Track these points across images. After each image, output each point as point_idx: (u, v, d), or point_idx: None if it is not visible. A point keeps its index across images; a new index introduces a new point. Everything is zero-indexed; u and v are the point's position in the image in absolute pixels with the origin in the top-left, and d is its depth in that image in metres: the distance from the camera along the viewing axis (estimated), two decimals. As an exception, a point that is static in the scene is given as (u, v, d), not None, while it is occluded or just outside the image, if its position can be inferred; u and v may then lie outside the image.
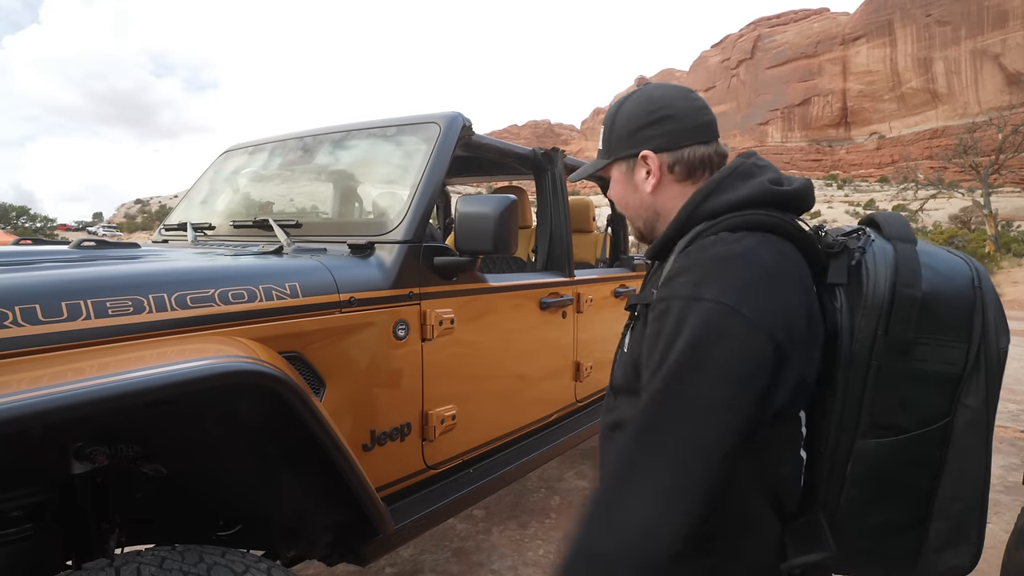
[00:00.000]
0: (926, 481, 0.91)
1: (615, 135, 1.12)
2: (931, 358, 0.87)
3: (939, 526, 0.92)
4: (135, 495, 1.58)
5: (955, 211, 39.35)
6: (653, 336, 0.91)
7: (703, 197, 1.01)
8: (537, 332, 2.75)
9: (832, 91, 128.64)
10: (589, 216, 4.11)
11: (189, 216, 2.76)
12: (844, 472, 0.92)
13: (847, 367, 0.90)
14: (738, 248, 0.90)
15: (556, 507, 3.46)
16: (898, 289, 0.88)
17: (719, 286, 0.85)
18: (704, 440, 0.82)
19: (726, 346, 0.82)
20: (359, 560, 1.79)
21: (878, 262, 0.91)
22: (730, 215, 0.96)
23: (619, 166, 1.13)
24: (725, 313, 0.83)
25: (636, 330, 1.05)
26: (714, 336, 0.83)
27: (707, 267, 0.89)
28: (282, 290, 1.64)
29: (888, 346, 0.87)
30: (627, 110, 1.11)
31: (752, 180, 1.00)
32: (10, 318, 1.14)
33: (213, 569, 1.19)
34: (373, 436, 1.88)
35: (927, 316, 0.87)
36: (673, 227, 1.04)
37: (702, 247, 0.93)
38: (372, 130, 2.54)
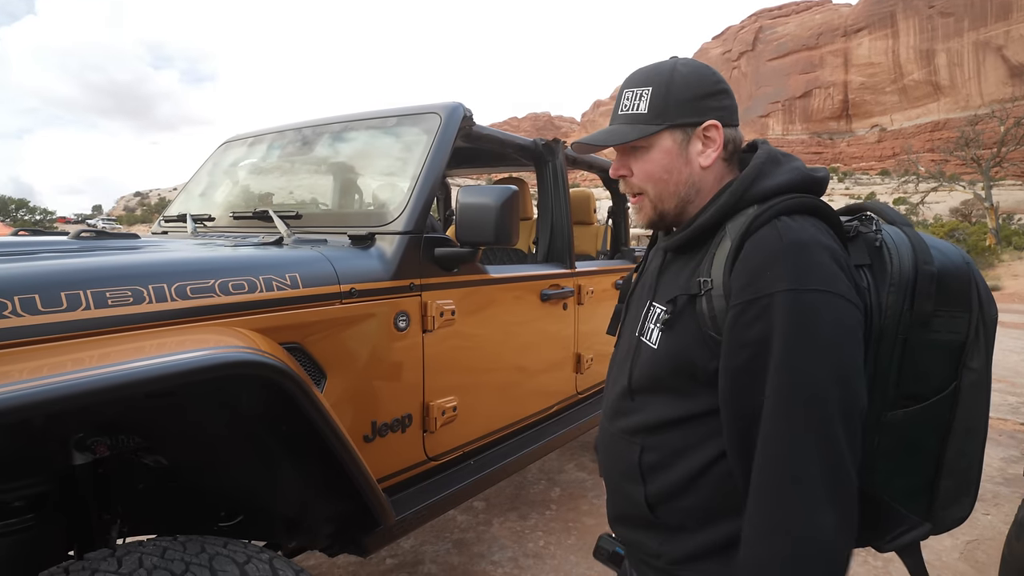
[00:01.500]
0: (937, 442, 0.98)
1: (673, 99, 1.03)
2: (943, 328, 0.95)
3: (948, 483, 0.98)
4: (136, 486, 1.58)
5: (956, 204, 39.28)
6: (756, 338, 0.88)
7: (751, 181, 1.00)
8: (538, 324, 2.75)
9: (833, 83, 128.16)
10: (590, 208, 4.10)
11: (189, 207, 2.75)
12: (874, 445, 0.96)
13: (877, 342, 0.95)
14: (808, 234, 0.91)
15: (556, 499, 3.47)
16: (920, 267, 0.94)
17: (816, 274, 0.87)
18: (852, 420, 0.85)
19: (844, 328, 0.87)
20: (360, 551, 1.79)
21: (899, 243, 0.97)
22: (778, 199, 0.96)
23: (673, 134, 1.04)
24: (831, 298, 0.86)
25: (678, 327, 1.01)
26: (833, 321, 0.86)
27: (793, 256, 0.89)
28: (282, 281, 1.63)
29: (912, 320, 0.94)
30: (686, 75, 1.04)
31: (786, 165, 1.02)
32: (9, 308, 1.13)
33: (215, 559, 1.19)
34: (374, 427, 1.88)
35: (941, 290, 0.94)
36: (717, 212, 1.01)
37: (773, 235, 0.92)
38: (372, 121, 2.53)
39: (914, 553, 1.01)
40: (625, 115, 1.07)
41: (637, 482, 1.05)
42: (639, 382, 1.07)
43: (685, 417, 1.01)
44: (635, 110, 1.05)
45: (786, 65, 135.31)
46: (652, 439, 1.04)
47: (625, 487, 1.09)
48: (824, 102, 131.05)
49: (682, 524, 1.02)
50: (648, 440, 1.05)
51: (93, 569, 1.09)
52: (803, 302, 0.86)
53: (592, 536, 3.01)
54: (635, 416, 1.08)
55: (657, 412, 1.04)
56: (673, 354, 1.01)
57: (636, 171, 1.08)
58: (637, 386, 1.08)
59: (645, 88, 1.05)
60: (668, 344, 1.02)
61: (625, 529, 1.13)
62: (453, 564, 2.75)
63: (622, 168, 1.10)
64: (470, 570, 2.70)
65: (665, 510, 1.03)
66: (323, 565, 2.70)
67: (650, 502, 1.04)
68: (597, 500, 3.44)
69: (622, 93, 1.08)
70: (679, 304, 1.01)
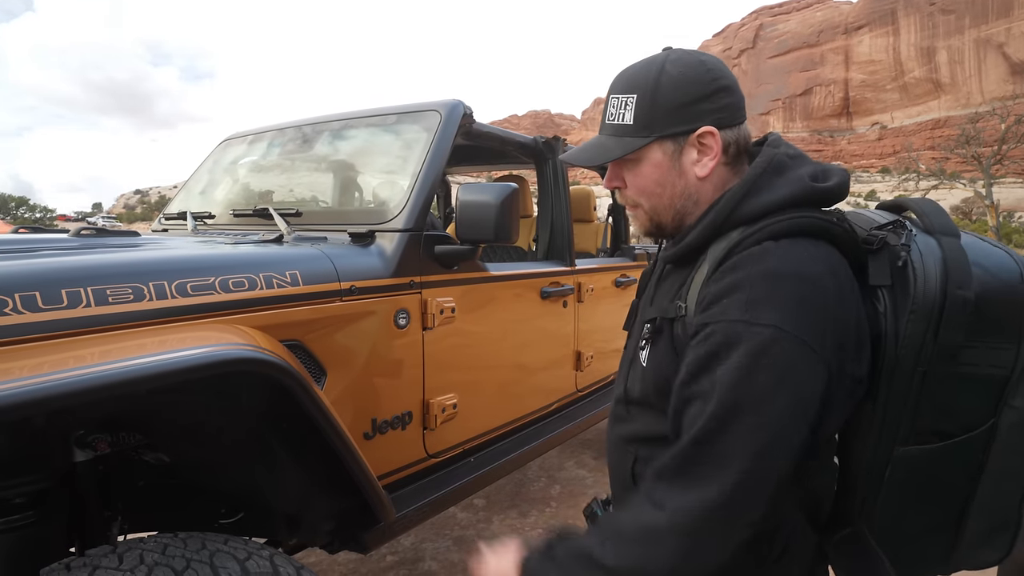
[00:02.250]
0: (965, 483, 0.87)
1: (660, 107, 0.93)
2: (980, 361, 0.83)
3: (976, 525, 0.88)
4: (137, 483, 1.59)
5: (957, 202, 39.28)
6: (700, 360, 0.82)
7: (739, 199, 0.90)
8: (538, 321, 2.75)
9: (834, 81, 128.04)
10: (590, 205, 4.09)
11: (189, 205, 2.75)
12: (882, 479, 0.87)
13: (891, 373, 0.84)
14: (789, 263, 0.82)
15: (556, 496, 3.47)
16: (950, 291, 0.80)
17: (775, 310, 0.78)
18: (762, 469, 0.77)
19: (787, 375, 0.77)
20: (361, 548, 1.80)
21: (926, 261, 0.83)
22: (771, 219, 0.87)
23: (663, 145, 0.95)
24: (785, 340, 0.77)
25: (659, 346, 0.96)
26: (774, 365, 0.77)
27: (758, 286, 0.81)
28: (283, 278, 1.63)
29: (937, 351, 0.81)
30: (675, 77, 0.93)
31: (789, 175, 0.91)
32: (10, 305, 1.13)
33: (216, 556, 1.19)
34: (374, 424, 1.88)
35: (978, 319, 0.81)
36: (702, 233, 0.93)
37: (750, 259, 0.84)
38: (372, 118, 2.53)
39: None
40: (611, 125, 0.98)
41: (630, 489, 1.02)
42: (631, 394, 1.04)
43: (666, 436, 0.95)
44: (620, 120, 0.96)
45: (787, 63, 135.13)
46: (644, 449, 1.01)
47: (620, 491, 1.08)
48: (825, 100, 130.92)
49: None
50: (641, 450, 1.01)
51: (94, 565, 1.09)
52: (750, 336, 0.78)
53: (592, 533, 3.01)
54: (630, 424, 1.05)
55: (646, 425, 1.00)
56: (655, 374, 0.96)
57: (629, 184, 1.01)
58: (630, 397, 1.05)
59: (630, 96, 0.95)
60: (652, 363, 0.98)
61: None
62: (453, 561, 2.75)
63: (615, 179, 1.03)
64: (471, 567, 2.70)
65: None
66: (324, 562, 2.71)
67: None
68: (597, 497, 3.44)
69: (608, 99, 1.00)
70: (657, 325, 0.97)
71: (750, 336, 0.78)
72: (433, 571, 2.67)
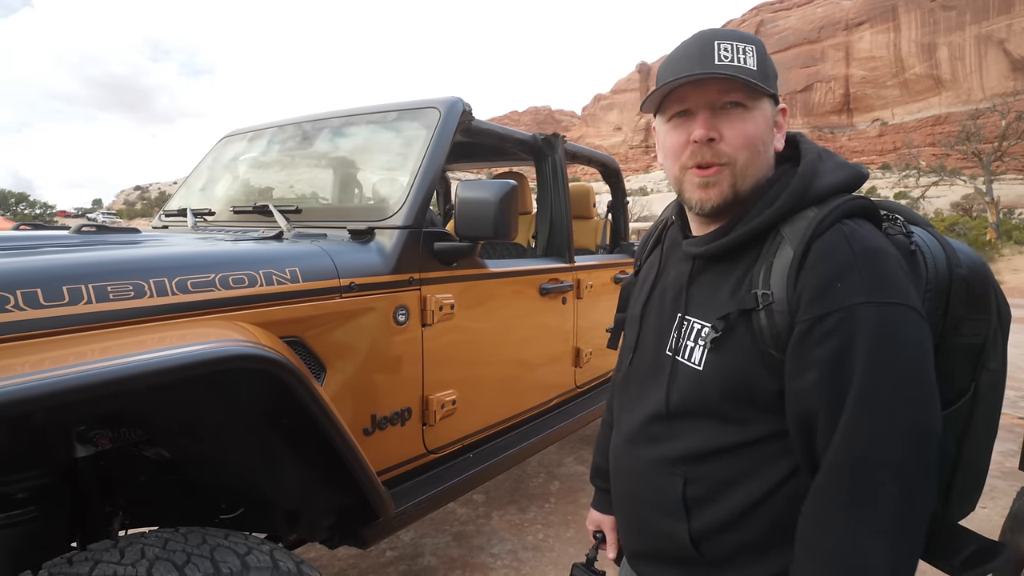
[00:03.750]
0: (956, 444, 0.97)
1: (770, 68, 0.93)
2: (968, 331, 0.94)
3: (962, 481, 0.98)
4: (138, 478, 1.60)
5: (957, 198, 39.22)
6: (831, 354, 0.81)
7: (809, 181, 0.91)
8: (537, 318, 2.76)
9: (835, 77, 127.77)
10: (589, 202, 4.10)
11: (189, 202, 2.76)
12: None
13: None
14: (876, 241, 0.86)
15: (556, 492, 3.48)
16: (953, 271, 0.92)
17: (892, 287, 0.82)
18: (928, 445, 0.80)
19: (922, 346, 0.82)
20: (360, 543, 1.81)
21: (932, 246, 0.95)
22: (837, 201, 0.89)
23: (770, 104, 0.95)
24: (911, 313, 0.82)
25: (730, 345, 0.91)
26: (913, 340, 0.81)
27: (867, 266, 0.82)
28: (282, 275, 1.64)
29: (946, 324, 0.92)
30: (765, 51, 0.95)
31: (831, 162, 0.96)
32: (12, 302, 1.14)
33: (216, 551, 1.20)
34: (374, 420, 1.89)
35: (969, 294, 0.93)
36: (773, 215, 0.90)
37: (841, 241, 0.84)
38: (372, 115, 2.54)
39: None
40: (729, 66, 0.89)
41: (679, 518, 0.95)
42: (680, 406, 0.96)
43: (737, 444, 0.91)
44: (742, 63, 0.90)
45: (787, 59, 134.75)
46: (697, 469, 0.94)
47: (660, 522, 0.99)
48: (825, 96, 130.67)
49: (730, 558, 0.93)
50: (693, 471, 0.94)
51: (96, 560, 1.10)
52: (884, 317, 0.80)
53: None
54: (674, 443, 0.97)
55: (702, 439, 0.94)
56: (725, 376, 0.91)
57: (730, 136, 0.91)
58: (676, 411, 0.97)
59: (749, 45, 0.91)
60: (718, 365, 0.91)
61: (654, 567, 1.04)
62: (453, 557, 2.77)
63: (712, 129, 0.91)
64: (469, 562, 2.72)
65: (711, 545, 0.94)
66: (324, 557, 2.72)
67: (694, 537, 0.94)
68: (596, 493, 3.46)
69: (714, 44, 0.91)
70: (731, 321, 0.90)
71: (882, 316, 0.80)
72: (433, 566, 2.68)
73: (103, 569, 1.08)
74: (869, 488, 0.79)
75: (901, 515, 0.78)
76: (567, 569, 2.67)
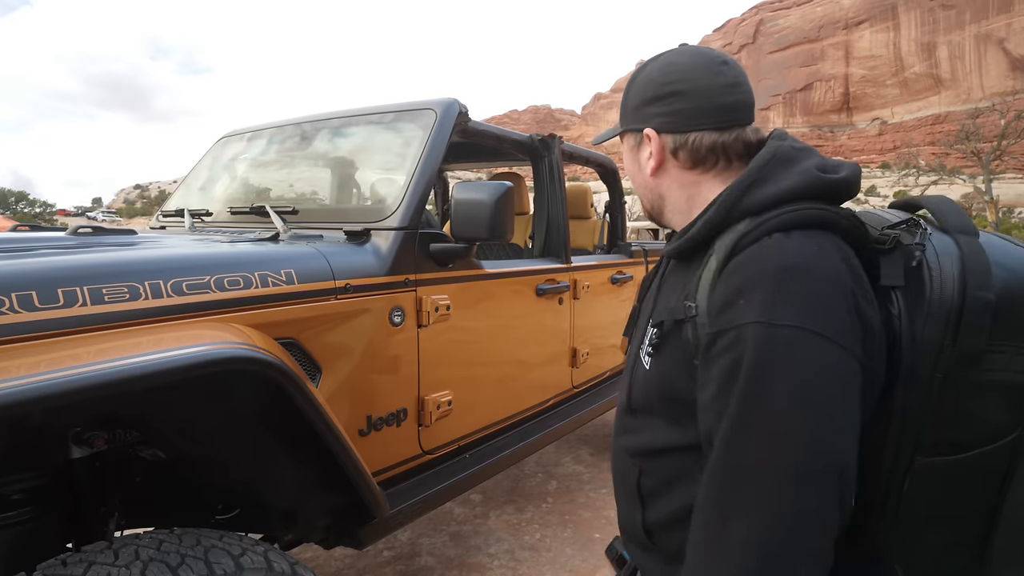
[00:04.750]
0: (991, 497, 0.82)
1: (627, 103, 1.01)
2: (1003, 367, 0.77)
3: (1004, 543, 0.82)
4: (134, 479, 1.60)
5: (956, 197, 39.24)
6: (722, 372, 0.77)
7: (742, 190, 0.86)
8: (533, 318, 2.76)
9: (834, 76, 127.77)
10: (587, 202, 4.10)
11: (187, 202, 2.76)
12: (900, 491, 0.82)
13: (907, 379, 0.79)
14: (802, 256, 0.78)
15: (553, 492, 3.49)
16: (969, 293, 0.76)
17: (795, 307, 0.74)
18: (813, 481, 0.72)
19: (822, 376, 0.73)
20: (356, 543, 1.82)
21: (943, 262, 0.79)
22: (778, 211, 0.82)
23: (628, 138, 1.02)
24: (811, 339, 0.73)
25: (666, 350, 0.91)
26: (805, 366, 0.73)
27: (773, 283, 0.76)
28: (278, 277, 1.64)
29: (957, 357, 0.77)
30: (644, 77, 0.98)
31: (796, 167, 0.86)
32: (7, 304, 1.14)
33: (210, 552, 1.21)
34: (369, 421, 1.90)
35: (1000, 321, 0.76)
36: (706, 225, 0.88)
37: (758, 256, 0.80)
38: (369, 116, 2.54)
39: None
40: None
41: (636, 505, 0.97)
42: (636, 401, 1.00)
43: (679, 446, 0.91)
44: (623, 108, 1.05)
45: (787, 58, 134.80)
46: (649, 463, 0.96)
47: (626, 506, 1.02)
48: (825, 95, 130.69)
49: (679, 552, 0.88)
50: (646, 464, 0.96)
51: (90, 561, 1.10)
52: (773, 339, 0.73)
53: (588, 529, 3.04)
54: (634, 436, 1.00)
55: (651, 436, 0.95)
56: (660, 380, 0.92)
57: (624, 166, 1.10)
58: (635, 406, 1.00)
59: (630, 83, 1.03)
60: (657, 369, 0.93)
61: (631, 546, 1.07)
62: (450, 556, 2.78)
63: None
64: (467, 562, 2.73)
65: (660, 537, 0.95)
66: (319, 558, 2.73)
67: (647, 528, 0.96)
68: (593, 493, 3.47)
69: None
70: (665, 328, 0.92)
71: (774, 339, 0.74)
72: (429, 566, 2.69)
73: (97, 571, 1.08)
74: (720, 536, 0.74)
75: (765, 551, 0.71)
76: (564, 569, 2.68)
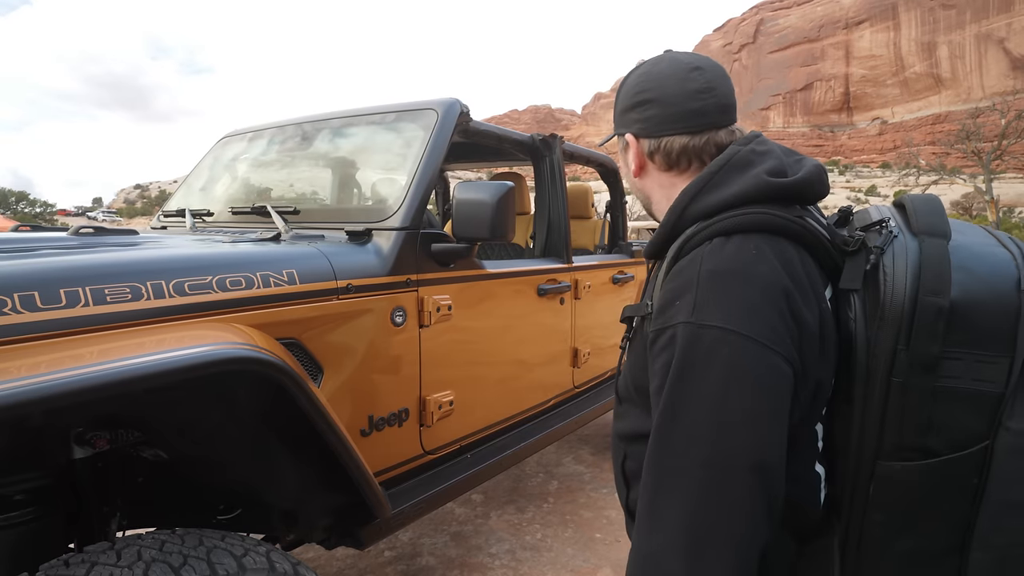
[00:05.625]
0: (964, 508, 0.79)
1: (616, 109, 1.07)
2: (964, 375, 0.76)
3: (980, 556, 0.79)
4: (136, 479, 1.60)
5: (957, 197, 39.29)
6: (661, 368, 0.81)
7: (691, 196, 0.89)
8: (535, 318, 2.76)
9: (835, 76, 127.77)
10: (588, 202, 4.10)
11: (188, 202, 2.76)
12: (866, 494, 0.82)
13: (864, 383, 0.81)
14: (735, 261, 0.80)
15: (554, 492, 3.49)
16: (920, 298, 0.76)
17: (721, 309, 0.76)
18: (732, 473, 0.73)
19: (743, 376, 0.74)
20: (357, 543, 1.82)
21: (897, 264, 0.79)
22: (724, 215, 0.85)
23: (619, 140, 1.08)
24: (733, 340, 0.75)
25: (634, 345, 0.99)
26: (724, 365, 0.75)
27: (703, 286, 0.79)
28: (279, 277, 1.64)
29: (910, 362, 0.77)
30: (626, 85, 1.05)
31: (748, 172, 0.87)
32: (9, 305, 1.14)
33: (212, 552, 1.21)
34: (371, 421, 1.90)
35: (958, 327, 0.75)
36: (661, 231, 0.94)
37: (694, 260, 0.83)
38: (370, 116, 2.54)
39: None
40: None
41: (623, 484, 1.04)
42: (620, 391, 1.06)
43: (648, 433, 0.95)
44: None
45: (787, 57, 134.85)
46: (631, 447, 1.00)
47: (617, 486, 1.09)
48: (825, 95, 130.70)
49: None
50: (629, 448, 1.01)
51: (92, 562, 1.10)
52: (698, 338, 0.76)
53: (589, 529, 3.04)
54: (621, 422, 1.05)
55: (632, 423, 1.00)
56: (631, 371, 0.99)
57: None
58: (620, 394, 1.06)
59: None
60: (629, 361, 1.01)
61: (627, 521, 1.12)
62: (451, 556, 2.78)
63: None
64: (468, 562, 2.73)
65: None
66: (321, 558, 2.73)
67: (630, 507, 1.00)
68: (594, 493, 3.47)
69: None
70: (634, 325, 1.00)
71: (698, 339, 0.76)
72: (431, 566, 2.69)
73: (100, 571, 1.08)
74: (651, 513, 0.77)
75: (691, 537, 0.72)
76: (565, 568, 2.68)
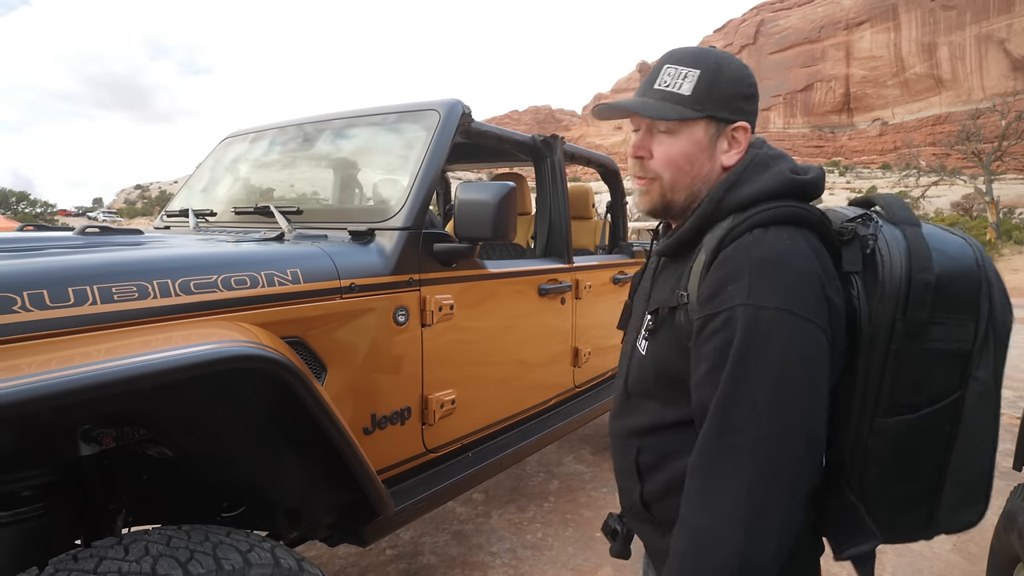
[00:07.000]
0: (939, 453, 0.94)
1: (719, 91, 1.00)
2: (945, 337, 0.91)
3: (953, 492, 0.96)
4: (142, 476, 1.62)
5: (957, 198, 39.26)
6: (719, 349, 0.89)
7: (726, 189, 0.99)
8: (536, 318, 2.78)
9: (835, 76, 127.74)
10: (588, 203, 4.12)
11: (191, 202, 2.78)
12: (866, 450, 0.95)
13: (867, 352, 0.92)
14: (780, 248, 0.90)
15: (555, 491, 3.50)
16: (913, 275, 0.90)
17: (777, 292, 0.86)
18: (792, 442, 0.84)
19: (798, 349, 0.85)
20: (360, 541, 1.83)
21: (891, 249, 0.93)
22: (758, 208, 0.95)
23: (707, 126, 1.01)
24: (792, 318, 0.85)
25: (661, 336, 1.03)
26: (786, 342, 0.85)
27: (755, 271, 0.88)
28: (284, 276, 1.66)
29: (905, 330, 0.90)
30: (733, 71, 1.02)
31: (771, 170, 0.99)
32: (18, 303, 1.16)
33: (219, 548, 1.22)
34: (374, 420, 1.91)
35: (940, 298, 0.90)
36: (695, 223, 1.01)
37: (742, 248, 0.91)
38: (372, 117, 2.55)
39: (867, 565, 0.98)
40: (663, 91, 1.02)
41: (635, 481, 1.08)
42: (632, 386, 1.11)
43: (674, 423, 1.02)
44: (677, 89, 1.01)
45: (787, 58, 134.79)
46: (646, 441, 1.07)
47: (625, 483, 1.13)
48: (825, 95, 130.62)
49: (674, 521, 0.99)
50: (643, 442, 1.07)
51: (101, 556, 1.12)
52: (758, 319, 0.86)
53: (589, 528, 3.05)
54: (631, 418, 1.10)
55: (648, 417, 1.06)
56: (657, 363, 1.03)
57: (657, 154, 1.03)
58: (632, 390, 1.11)
59: (693, 70, 1.01)
60: (653, 353, 1.04)
61: (632, 521, 1.17)
62: (452, 555, 2.79)
63: (642, 149, 1.05)
64: (469, 561, 2.74)
65: (659, 507, 1.05)
66: (324, 555, 2.74)
67: (645, 499, 1.07)
68: (595, 492, 3.48)
69: (663, 67, 1.04)
70: (660, 316, 1.03)
71: (759, 319, 0.85)
72: (432, 564, 2.70)
73: (108, 565, 1.10)
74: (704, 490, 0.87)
75: (754, 505, 0.83)
76: (566, 567, 2.69)
